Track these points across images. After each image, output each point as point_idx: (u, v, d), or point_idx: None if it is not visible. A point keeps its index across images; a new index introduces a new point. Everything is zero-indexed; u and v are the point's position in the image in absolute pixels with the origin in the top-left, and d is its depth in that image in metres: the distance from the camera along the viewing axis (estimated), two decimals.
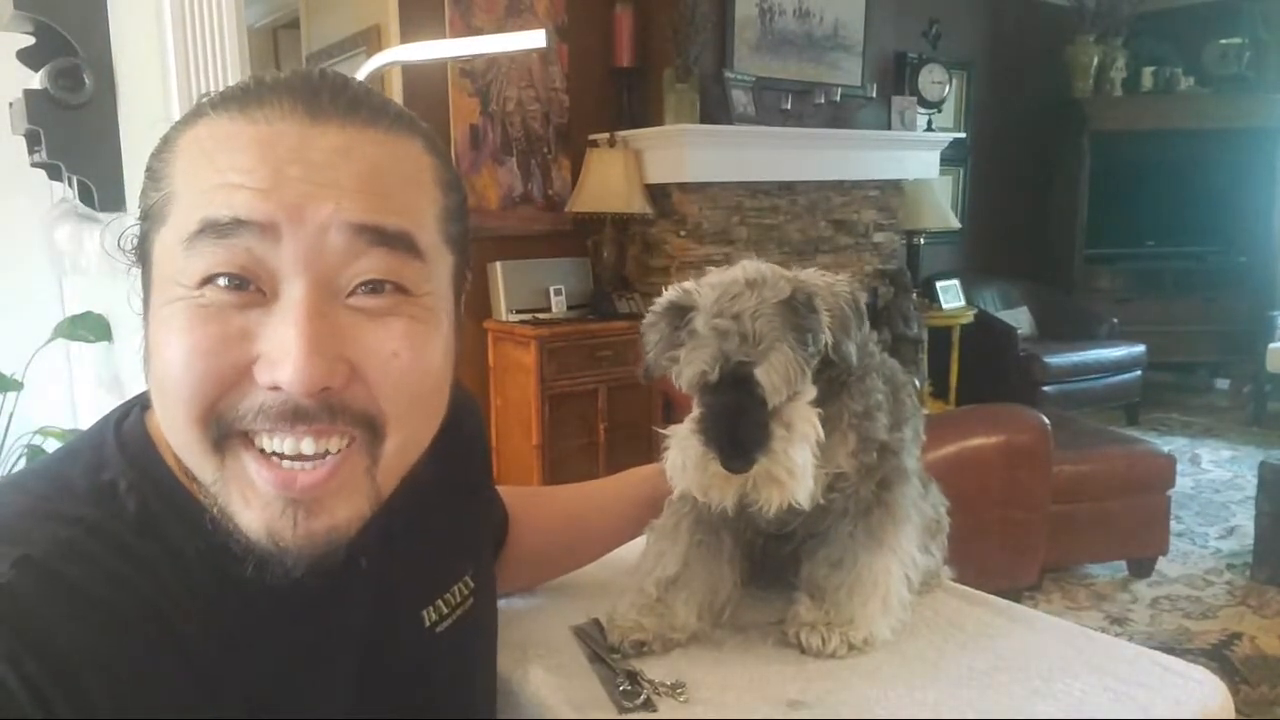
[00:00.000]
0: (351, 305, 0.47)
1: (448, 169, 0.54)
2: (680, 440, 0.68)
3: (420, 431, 0.52)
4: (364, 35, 3.36)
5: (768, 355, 0.66)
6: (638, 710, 0.71)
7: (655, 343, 0.74)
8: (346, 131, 0.48)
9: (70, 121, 1.70)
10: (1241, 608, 2.70)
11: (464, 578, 0.67)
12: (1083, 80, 5.26)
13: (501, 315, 3.34)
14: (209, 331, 0.45)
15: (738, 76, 3.57)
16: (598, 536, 0.91)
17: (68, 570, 0.45)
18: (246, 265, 0.45)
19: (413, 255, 0.49)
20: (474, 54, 2.82)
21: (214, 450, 0.46)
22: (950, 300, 4.56)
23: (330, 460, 0.47)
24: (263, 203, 0.45)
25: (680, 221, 3.44)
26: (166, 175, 0.48)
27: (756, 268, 0.72)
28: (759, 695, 0.72)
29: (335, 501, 0.47)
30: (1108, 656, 0.74)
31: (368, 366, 0.47)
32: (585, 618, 0.85)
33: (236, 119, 0.47)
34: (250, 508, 0.46)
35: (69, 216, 1.83)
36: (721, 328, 0.67)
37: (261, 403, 0.45)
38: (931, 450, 0.85)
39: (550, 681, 0.76)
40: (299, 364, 0.44)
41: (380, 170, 0.48)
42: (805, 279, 0.72)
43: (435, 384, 0.52)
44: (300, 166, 0.46)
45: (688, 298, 0.72)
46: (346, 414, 0.47)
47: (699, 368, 0.68)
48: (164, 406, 0.48)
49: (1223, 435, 4.56)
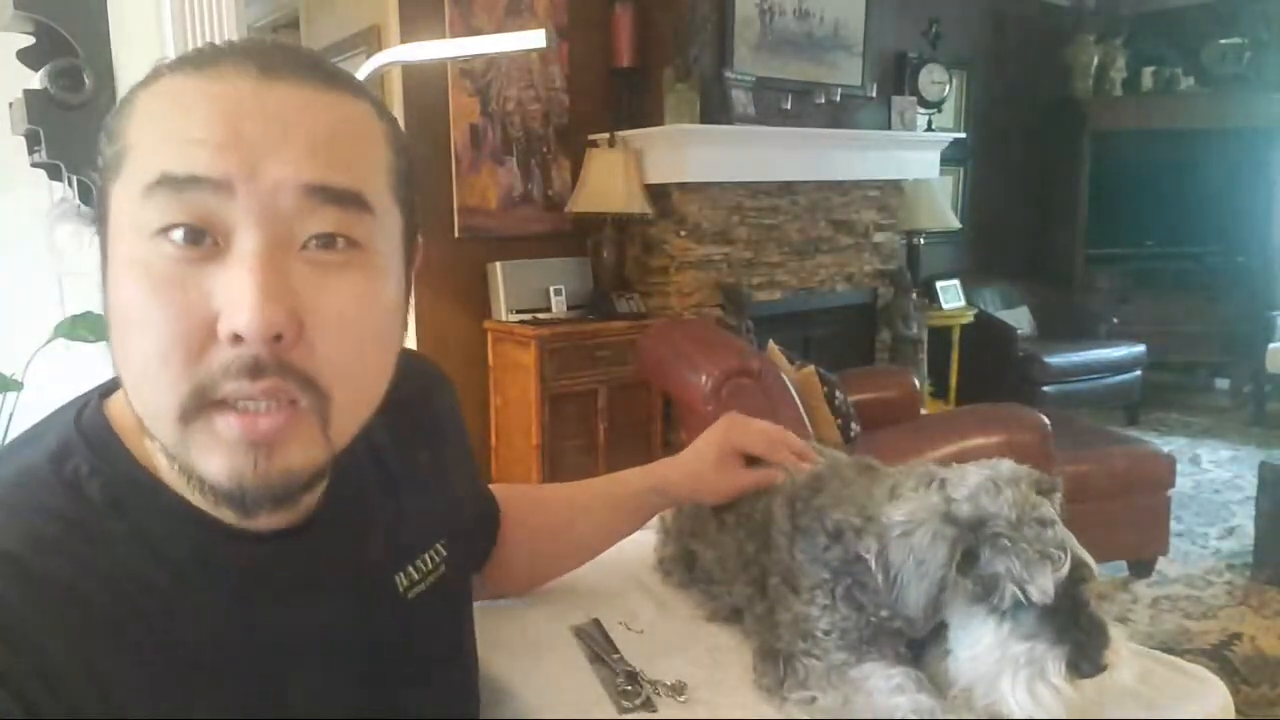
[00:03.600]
0: (304, 257, 0.49)
1: (397, 134, 0.55)
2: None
3: (365, 391, 0.53)
4: (364, 35, 3.35)
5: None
6: (638, 710, 0.71)
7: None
8: (301, 91, 0.49)
9: (70, 121, 1.70)
10: (1242, 608, 2.70)
11: (435, 544, 0.67)
12: (1083, 80, 5.26)
13: (501, 315, 3.33)
14: (171, 298, 0.46)
15: (738, 76, 3.56)
16: (592, 536, 0.91)
17: (44, 564, 0.46)
18: (201, 218, 0.47)
19: (363, 210, 0.50)
20: (474, 54, 2.82)
21: (182, 419, 0.48)
22: (950, 300, 4.56)
23: (286, 407, 0.48)
24: (218, 158, 0.46)
25: (680, 221, 3.44)
26: (123, 130, 0.49)
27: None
28: (759, 695, 0.72)
29: (291, 447, 0.49)
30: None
31: (313, 324, 0.48)
32: (585, 618, 0.85)
33: (193, 76, 0.48)
34: (214, 455, 0.48)
35: (69, 216, 1.83)
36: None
37: (227, 361, 0.47)
38: (931, 450, 0.85)
39: (550, 681, 0.76)
40: (254, 307, 0.45)
41: (333, 128, 0.50)
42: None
43: (379, 345, 0.53)
44: (254, 121, 0.47)
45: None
46: (293, 372, 0.48)
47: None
48: (134, 378, 0.49)
49: (1223, 435, 4.56)
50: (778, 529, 0.77)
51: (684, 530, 0.92)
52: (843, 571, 0.70)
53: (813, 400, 2.55)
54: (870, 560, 0.67)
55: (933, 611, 0.64)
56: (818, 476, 0.78)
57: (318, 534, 0.57)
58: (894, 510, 0.68)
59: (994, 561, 0.62)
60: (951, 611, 0.65)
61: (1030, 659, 0.61)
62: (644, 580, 0.95)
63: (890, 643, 0.69)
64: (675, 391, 2.48)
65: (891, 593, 0.66)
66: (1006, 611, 0.62)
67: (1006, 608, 0.62)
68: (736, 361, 2.27)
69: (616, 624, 0.84)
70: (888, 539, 0.66)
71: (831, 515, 0.73)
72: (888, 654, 0.69)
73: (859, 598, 0.70)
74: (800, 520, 0.75)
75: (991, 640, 0.63)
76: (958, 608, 0.65)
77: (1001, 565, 0.62)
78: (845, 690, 0.67)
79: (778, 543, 0.77)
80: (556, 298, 3.41)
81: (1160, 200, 5.29)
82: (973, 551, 0.64)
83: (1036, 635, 0.62)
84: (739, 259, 3.61)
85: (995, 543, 0.63)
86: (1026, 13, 5.26)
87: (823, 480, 0.77)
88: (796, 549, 0.74)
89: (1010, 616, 0.62)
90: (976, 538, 0.64)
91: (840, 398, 2.66)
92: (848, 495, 0.74)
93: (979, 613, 0.64)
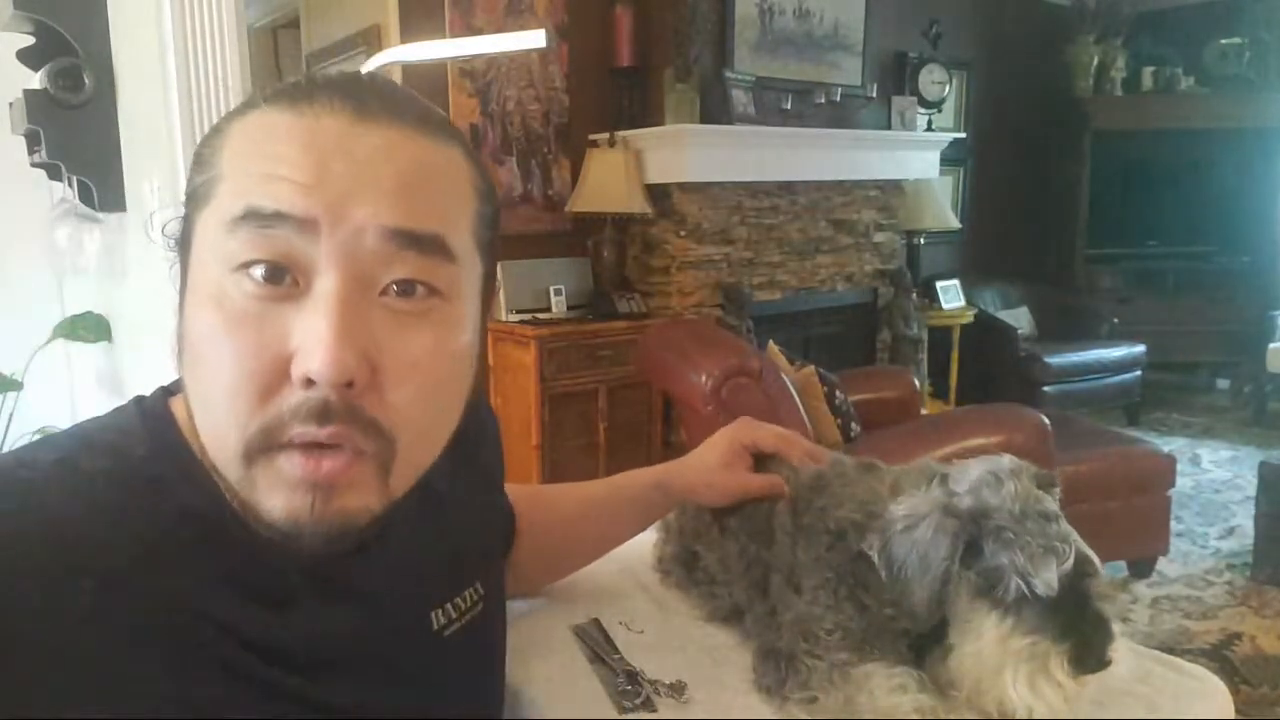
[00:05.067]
0: (383, 304, 0.49)
1: (484, 178, 0.55)
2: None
3: (431, 441, 0.53)
4: (364, 35, 3.35)
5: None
6: (638, 710, 0.71)
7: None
8: (390, 132, 0.49)
9: (70, 121, 1.70)
10: (1242, 608, 2.70)
11: (474, 583, 0.67)
12: (1083, 80, 5.26)
13: (501, 315, 3.33)
14: (247, 335, 0.46)
15: (738, 76, 3.56)
16: (597, 537, 0.91)
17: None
18: (284, 255, 0.47)
19: (445, 258, 0.50)
20: (474, 54, 2.82)
21: (247, 458, 0.48)
22: (950, 300, 4.56)
23: (349, 450, 0.48)
24: (305, 198, 0.46)
25: (680, 221, 3.44)
26: (213, 160, 0.49)
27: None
28: (759, 695, 0.72)
29: (349, 492, 0.48)
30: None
31: (386, 372, 0.48)
32: (585, 618, 0.85)
33: (286, 111, 0.48)
34: (275, 495, 0.48)
35: (69, 216, 1.83)
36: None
37: (297, 404, 0.46)
38: (931, 450, 0.85)
39: (550, 681, 0.76)
40: (329, 351, 0.45)
41: (420, 172, 0.49)
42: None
43: (450, 394, 0.53)
44: (344, 163, 0.47)
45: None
46: (361, 419, 0.47)
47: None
48: (204, 410, 0.49)
49: (1223, 435, 4.55)
50: (781, 529, 0.77)
51: (686, 530, 0.92)
52: (846, 571, 0.70)
53: (813, 400, 2.55)
54: (874, 555, 0.67)
55: (936, 605, 0.64)
56: (820, 476, 0.78)
57: (361, 566, 0.56)
58: (896, 505, 0.68)
59: (998, 554, 0.62)
60: (954, 606, 0.65)
61: (1033, 653, 0.61)
62: (644, 580, 0.95)
63: (892, 642, 0.69)
64: (675, 391, 2.48)
65: (895, 587, 0.66)
66: (1010, 605, 0.62)
67: (1010, 601, 0.62)
68: (736, 361, 2.27)
69: (616, 624, 0.84)
70: (890, 534, 0.66)
71: (834, 514, 0.72)
72: (889, 654, 0.69)
73: (862, 597, 0.70)
74: (803, 520, 0.75)
75: (994, 634, 0.62)
76: (961, 602, 0.65)
77: (1005, 558, 0.62)
78: (847, 690, 0.67)
79: (780, 542, 0.77)
80: (557, 298, 3.41)
81: (1160, 200, 5.29)
82: (976, 544, 0.64)
83: (1040, 630, 0.61)
84: (739, 259, 3.61)
85: (999, 535, 0.63)
86: (1027, 12, 5.26)
87: (826, 480, 0.77)
88: (799, 548, 0.74)
89: (1013, 611, 0.62)
90: (979, 530, 0.64)
91: (840, 398, 2.66)
92: (850, 494, 0.74)
93: (982, 607, 0.63)
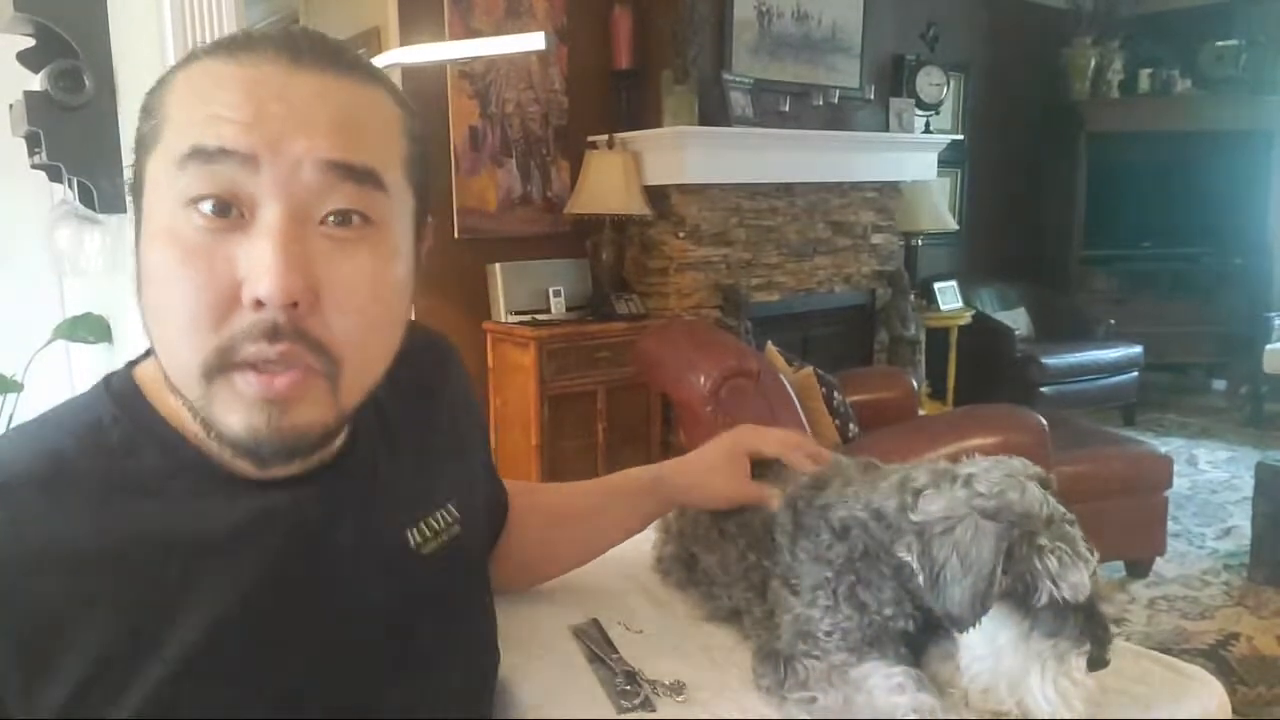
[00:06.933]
0: (322, 232, 0.52)
1: (413, 121, 0.59)
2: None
3: (373, 360, 0.57)
4: (364, 36, 3.36)
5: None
6: (637, 710, 0.71)
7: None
8: (324, 78, 0.53)
9: (70, 123, 1.70)
10: (1239, 608, 2.71)
11: (446, 505, 0.69)
12: (1080, 82, 5.27)
13: (500, 317, 3.34)
14: (199, 266, 0.50)
15: (736, 78, 3.57)
16: (596, 533, 0.91)
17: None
18: (229, 190, 0.50)
19: (378, 188, 0.54)
20: (474, 56, 2.83)
21: (205, 377, 0.52)
22: (948, 301, 4.57)
23: (300, 367, 0.52)
24: (246, 136, 0.50)
25: (679, 223, 3.44)
26: (159, 108, 0.53)
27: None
28: (758, 695, 0.73)
29: (302, 406, 0.53)
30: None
31: (328, 295, 0.52)
32: (584, 618, 0.85)
33: (227, 62, 0.52)
34: (234, 411, 0.52)
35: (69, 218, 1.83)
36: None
37: (249, 325, 0.51)
38: (929, 451, 0.86)
39: (549, 681, 0.76)
40: (275, 275, 0.49)
41: (352, 113, 0.53)
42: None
43: (388, 317, 0.57)
44: (281, 105, 0.51)
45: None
46: (307, 339, 0.52)
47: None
48: (164, 338, 0.53)
49: (1220, 436, 4.56)
50: (780, 529, 0.77)
51: (685, 532, 0.92)
52: (845, 569, 0.71)
53: (811, 401, 2.56)
54: (911, 561, 0.66)
55: (980, 607, 0.64)
56: (820, 476, 0.78)
57: (329, 484, 0.60)
58: (928, 506, 0.67)
59: (1031, 559, 0.62)
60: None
61: (1056, 655, 0.62)
62: (643, 580, 0.95)
63: (891, 642, 0.70)
64: (674, 392, 2.48)
65: (934, 590, 0.65)
66: (1032, 608, 0.62)
67: (1042, 605, 0.62)
68: (735, 362, 2.27)
69: (615, 624, 0.85)
70: (929, 536, 0.65)
71: (837, 512, 0.73)
72: (888, 654, 0.69)
73: (861, 596, 0.70)
74: (803, 519, 0.75)
75: (1014, 636, 0.63)
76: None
77: (1039, 564, 0.62)
78: (846, 690, 0.67)
79: (779, 543, 0.77)
80: (556, 299, 3.41)
81: (1157, 202, 5.30)
82: (1010, 549, 0.63)
83: (1059, 632, 0.62)
84: (737, 260, 3.62)
85: (1032, 541, 0.63)
86: (1023, 15, 5.27)
87: (825, 479, 0.78)
88: (799, 548, 0.74)
89: (1031, 612, 0.63)
90: (1015, 534, 0.63)
91: (838, 398, 2.66)
92: (852, 493, 0.74)
93: (1001, 609, 0.64)
